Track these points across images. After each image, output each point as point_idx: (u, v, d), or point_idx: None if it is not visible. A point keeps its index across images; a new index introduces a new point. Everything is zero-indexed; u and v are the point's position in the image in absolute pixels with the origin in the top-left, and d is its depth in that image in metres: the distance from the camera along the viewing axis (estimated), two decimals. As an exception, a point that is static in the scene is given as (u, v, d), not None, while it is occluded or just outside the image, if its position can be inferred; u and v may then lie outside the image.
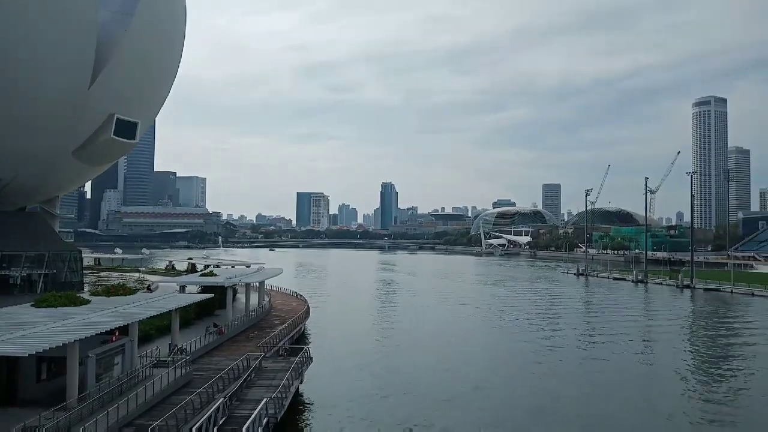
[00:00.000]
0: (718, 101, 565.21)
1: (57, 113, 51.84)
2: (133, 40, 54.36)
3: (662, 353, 55.81)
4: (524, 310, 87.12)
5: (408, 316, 79.45)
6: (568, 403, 38.22)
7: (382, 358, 51.59)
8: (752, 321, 77.41)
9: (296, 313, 60.52)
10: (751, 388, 42.28)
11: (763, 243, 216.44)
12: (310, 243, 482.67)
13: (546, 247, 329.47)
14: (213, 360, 40.32)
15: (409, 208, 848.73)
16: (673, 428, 33.62)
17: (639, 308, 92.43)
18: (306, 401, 37.09)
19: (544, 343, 59.05)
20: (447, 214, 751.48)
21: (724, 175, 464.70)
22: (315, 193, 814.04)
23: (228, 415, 27.77)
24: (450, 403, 37.54)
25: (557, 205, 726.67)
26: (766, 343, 60.48)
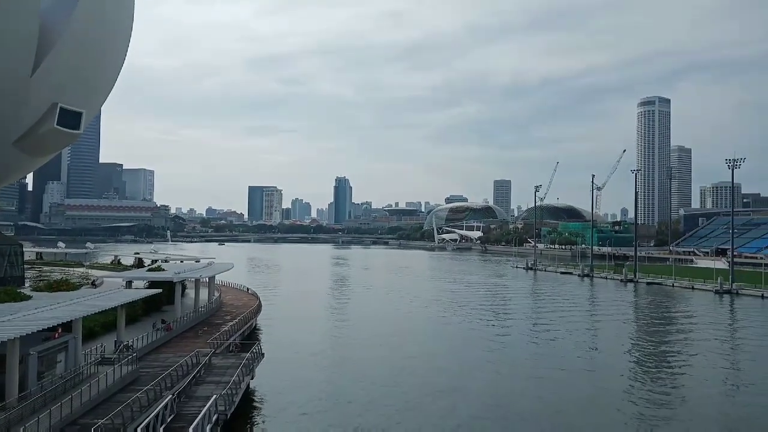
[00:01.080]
0: (662, 101, 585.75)
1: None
2: (77, 27, 52.46)
3: (606, 344, 57.76)
4: (475, 303, 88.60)
5: (361, 311, 79.71)
6: (519, 394, 39.20)
7: (335, 354, 51.68)
8: (691, 313, 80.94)
9: (247, 309, 59.94)
10: (687, 375, 44.28)
11: (703, 239, 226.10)
12: (263, 238, 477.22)
13: (497, 242, 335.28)
14: (161, 357, 39.59)
15: (364, 202, 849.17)
16: (619, 416, 34.84)
17: (584, 301, 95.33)
18: (257, 397, 36.88)
19: (495, 336, 60.24)
20: (401, 209, 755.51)
21: (667, 173, 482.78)
22: (267, 187, 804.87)
23: (176, 412, 27.37)
24: (402, 397, 37.93)
25: (508, 200, 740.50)
26: (702, 334, 63.34)
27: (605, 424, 33.80)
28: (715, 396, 39.57)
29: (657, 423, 33.60)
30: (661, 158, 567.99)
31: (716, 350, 54.81)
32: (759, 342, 59.45)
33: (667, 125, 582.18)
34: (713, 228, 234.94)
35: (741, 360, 51.70)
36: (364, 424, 32.32)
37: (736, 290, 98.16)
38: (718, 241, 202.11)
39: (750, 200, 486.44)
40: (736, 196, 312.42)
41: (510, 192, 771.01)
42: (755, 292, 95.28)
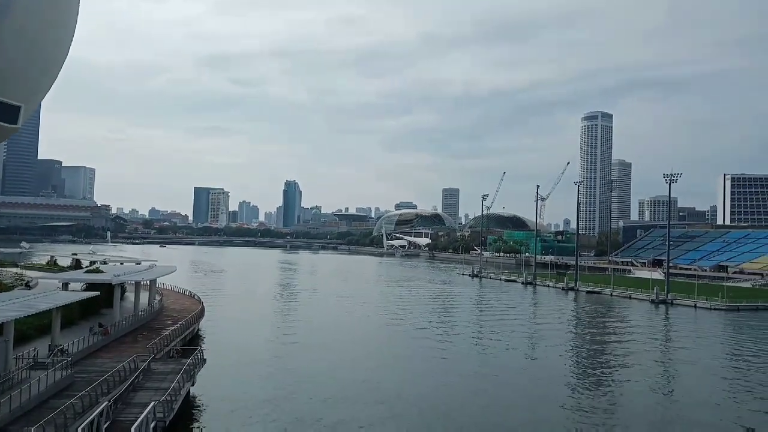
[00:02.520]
0: (605, 116, 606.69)
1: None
2: (17, 17, 50.37)
3: (546, 350, 59.21)
4: (421, 309, 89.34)
5: (307, 316, 79.16)
6: (460, 398, 39.71)
7: (279, 359, 51.12)
8: (628, 322, 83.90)
9: (190, 313, 58.67)
10: (624, 381, 45.85)
11: (641, 250, 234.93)
12: (208, 240, 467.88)
13: (444, 249, 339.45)
14: (97, 362, 38.31)
15: (313, 207, 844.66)
16: (559, 417, 35.75)
17: (527, 309, 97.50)
18: (197, 404, 36.11)
19: (440, 341, 60.86)
20: (351, 214, 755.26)
21: (608, 186, 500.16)
22: (214, 189, 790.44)
23: (112, 419, 26.53)
24: (346, 404, 37.87)
25: (456, 208, 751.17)
26: (638, 341, 65.71)
27: (544, 427, 34.62)
28: (651, 401, 41.05)
29: (595, 426, 34.65)
30: (602, 171, 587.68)
31: (651, 357, 56.95)
32: (691, 350, 62.13)
33: (609, 139, 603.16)
34: (650, 239, 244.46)
35: (674, 367, 53.92)
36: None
37: (671, 300, 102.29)
38: (655, 252, 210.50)
39: (686, 213, 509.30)
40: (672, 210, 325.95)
41: (458, 200, 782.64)
42: (689, 302, 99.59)
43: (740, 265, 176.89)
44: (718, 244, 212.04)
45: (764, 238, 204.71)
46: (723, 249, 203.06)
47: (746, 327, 77.79)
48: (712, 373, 50.27)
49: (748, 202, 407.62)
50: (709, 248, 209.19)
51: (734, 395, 42.48)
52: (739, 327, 78.00)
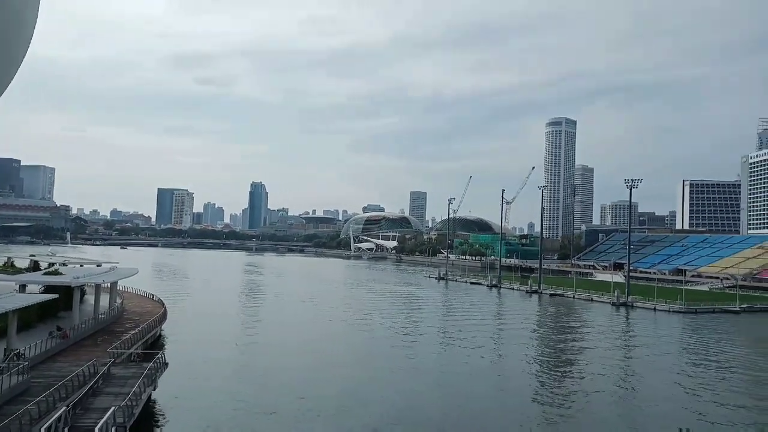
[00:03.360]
0: (569, 122, 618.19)
1: None
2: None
3: (509, 351, 59.99)
4: (388, 311, 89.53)
5: (273, 319, 78.59)
6: (426, 398, 39.93)
7: (243, 363, 50.63)
8: (589, 324, 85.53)
9: (152, 317, 57.62)
10: (585, 381, 46.75)
11: (602, 253, 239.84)
12: (171, 242, 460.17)
13: (411, 252, 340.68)
14: (55, 366, 37.35)
15: (280, 209, 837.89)
16: (520, 418, 36.26)
17: (492, 311, 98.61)
18: (159, 409, 35.52)
19: (406, 344, 61.11)
20: (318, 216, 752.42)
21: (571, 191, 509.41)
22: (178, 190, 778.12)
23: (71, 425, 25.88)
24: (309, 407, 37.71)
25: (423, 211, 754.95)
26: (599, 343, 67.04)
27: (507, 425, 35.08)
28: (610, 400, 41.96)
29: (555, 425, 35.27)
30: (566, 176, 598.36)
31: (611, 358, 58.18)
32: (650, 351, 63.65)
33: (572, 145, 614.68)
34: (612, 243, 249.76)
35: (633, 367, 55.18)
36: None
37: (631, 303, 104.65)
38: (616, 255, 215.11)
39: (646, 218, 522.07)
40: (633, 214, 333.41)
41: (425, 203, 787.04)
42: (648, 305, 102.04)
43: (698, 269, 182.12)
44: (677, 248, 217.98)
45: (721, 243, 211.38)
46: (682, 253, 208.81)
47: (704, 329, 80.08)
48: (670, 373, 51.59)
49: (706, 208, 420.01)
50: (669, 252, 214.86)
51: (691, 395, 43.67)
52: (696, 329, 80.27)
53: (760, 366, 56.52)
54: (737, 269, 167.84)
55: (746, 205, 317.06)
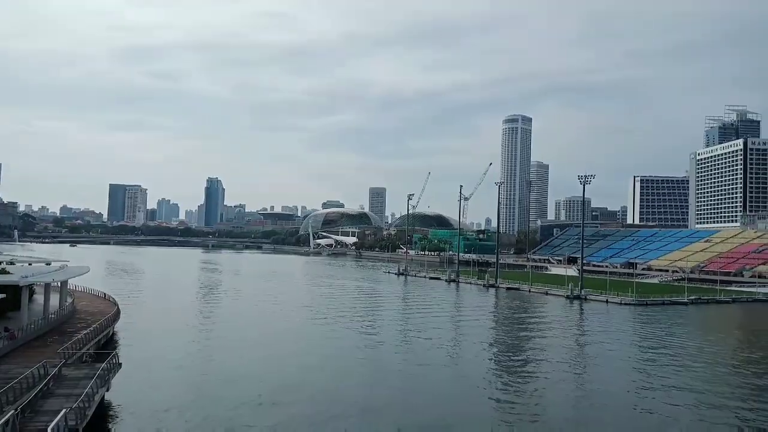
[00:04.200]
0: (525, 120, 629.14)
1: None
2: None
3: (467, 344, 60.61)
4: (348, 307, 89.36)
5: (229, 318, 77.46)
6: (387, 394, 40.06)
7: (199, 363, 49.72)
8: (545, 316, 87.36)
9: (104, 316, 56.10)
10: (540, 371, 47.72)
11: (557, 248, 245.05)
12: (124, 240, 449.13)
13: (371, 248, 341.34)
14: (3, 368, 35.96)
15: (237, 205, 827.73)
16: (478, 409, 36.75)
17: (450, 305, 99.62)
18: (113, 410, 34.63)
19: (366, 339, 61.14)
20: (276, 213, 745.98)
21: (527, 186, 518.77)
22: (131, 186, 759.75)
23: (20, 429, 24.98)
24: (270, 407, 37.37)
25: (383, 208, 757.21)
26: (553, 334, 68.43)
27: (466, 418, 35.49)
28: (566, 390, 42.93)
29: (514, 416, 35.89)
30: (522, 172, 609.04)
31: (566, 349, 59.52)
32: (603, 342, 65.37)
33: (528, 142, 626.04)
34: (566, 238, 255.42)
35: (587, 358, 56.66)
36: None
37: (584, 296, 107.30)
38: (570, 250, 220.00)
39: (599, 213, 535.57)
40: (586, 210, 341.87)
41: (385, 199, 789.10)
42: (600, 298, 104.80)
43: (648, 262, 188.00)
44: (628, 242, 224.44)
45: (670, 237, 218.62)
46: (633, 247, 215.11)
47: (654, 321, 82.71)
48: (622, 363, 53.16)
49: (655, 203, 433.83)
50: (620, 246, 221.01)
51: (641, 383, 45.06)
52: (646, 321, 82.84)
53: (707, 355, 58.72)
54: (685, 262, 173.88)
55: (694, 200, 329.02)
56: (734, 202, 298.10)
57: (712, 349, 62.89)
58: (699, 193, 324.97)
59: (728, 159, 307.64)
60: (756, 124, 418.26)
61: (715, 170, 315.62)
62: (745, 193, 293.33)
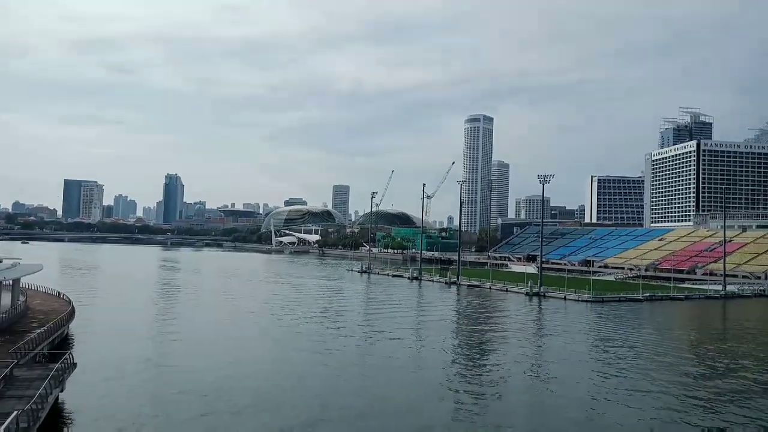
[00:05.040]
0: (486, 119, 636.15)
1: None
2: None
3: (429, 340, 61.01)
4: (310, 305, 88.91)
5: (188, 317, 76.23)
6: (349, 391, 40.05)
7: (158, 363, 48.77)
8: (505, 313, 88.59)
9: (58, 315, 54.53)
10: (500, 366, 48.43)
11: (517, 246, 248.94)
12: (79, 237, 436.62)
13: (334, 246, 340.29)
14: (-51, 370, 34.58)
15: (197, 202, 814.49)
16: (439, 406, 37.05)
17: (412, 302, 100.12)
18: (67, 411, 33.70)
19: (327, 338, 60.92)
20: (237, 210, 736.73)
21: (488, 185, 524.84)
22: (87, 182, 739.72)
23: (-33, 432, 24.14)
24: (229, 407, 36.95)
25: (346, 205, 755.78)
26: (513, 331, 69.46)
27: (427, 415, 35.76)
28: (524, 384, 43.69)
29: (472, 411, 36.32)
30: (483, 171, 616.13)
31: (524, 345, 60.51)
32: (561, 337, 66.64)
33: (489, 141, 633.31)
34: (526, 236, 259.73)
35: (546, 353, 57.70)
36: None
37: (543, 293, 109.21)
38: (530, 248, 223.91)
39: (557, 212, 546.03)
40: (545, 208, 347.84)
41: (348, 197, 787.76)
42: (559, 295, 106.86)
43: (605, 260, 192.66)
44: (586, 240, 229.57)
45: (626, 236, 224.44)
46: (590, 245, 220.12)
47: (610, 317, 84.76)
48: (579, 358, 54.34)
49: (612, 202, 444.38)
50: (578, 244, 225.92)
51: (598, 377, 46.17)
52: (603, 317, 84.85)
53: (661, 350, 60.53)
54: (640, 260, 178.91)
55: (649, 199, 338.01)
56: (687, 202, 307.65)
57: (666, 343, 64.86)
58: (654, 193, 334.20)
59: (682, 160, 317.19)
60: (709, 126, 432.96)
61: (670, 171, 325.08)
62: (698, 194, 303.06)
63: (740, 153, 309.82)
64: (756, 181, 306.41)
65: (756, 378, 47.92)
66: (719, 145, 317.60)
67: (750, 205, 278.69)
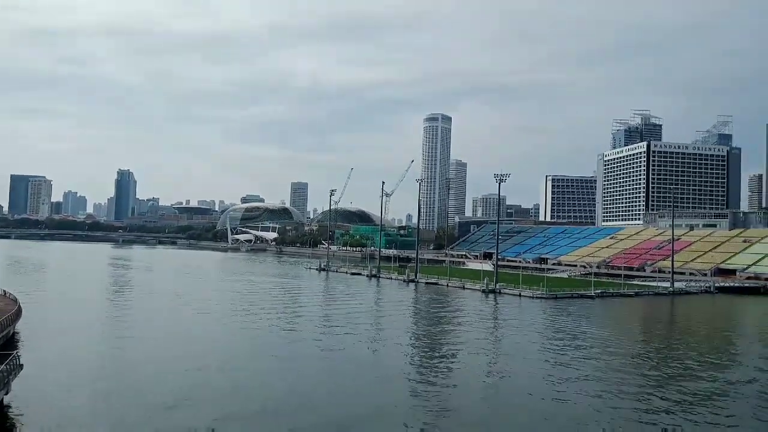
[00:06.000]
0: (445, 118, 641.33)
1: None
2: None
3: (387, 338, 61.23)
4: (267, 303, 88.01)
5: (140, 316, 74.39)
6: (308, 390, 39.82)
7: (108, 365, 47.51)
8: (461, 309, 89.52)
9: (3, 315, 52.41)
10: (457, 362, 48.99)
11: (474, 243, 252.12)
12: (26, 234, 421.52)
13: (292, 244, 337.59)
14: None
15: (150, 199, 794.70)
16: (396, 406, 37.23)
17: (371, 299, 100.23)
18: (12, 414, 32.47)
19: (284, 336, 60.46)
20: (192, 207, 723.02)
21: (446, 184, 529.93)
22: (35, 177, 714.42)
23: None
24: (184, 406, 36.29)
25: (305, 203, 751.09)
26: (470, 327, 70.25)
27: (385, 411, 35.90)
28: (479, 379, 44.26)
29: (430, 405, 36.64)
30: (441, 170, 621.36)
31: (482, 341, 61.31)
32: (516, 333, 67.85)
33: (448, 140, 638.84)
34: (482, 234, 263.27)
35: (501, 348, 58.66)
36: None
37: (499, 290, 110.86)
38: (486, 245, 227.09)
39: (513, 211, 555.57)
40: (501, 207, 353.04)
41: (307, 194, 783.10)
42: (514, 291, 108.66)
43: (558, 257, 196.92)
44: (540, 238, 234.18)
45: (579, 234, 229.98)
46: (544, 243, 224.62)
47: (563, 313, 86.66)
48: (533, 352, 55.38)
49: (565, 201, 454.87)
50: (533, 242, 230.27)
51: (552, 371, 47.18)
52: (556, 313, 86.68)
53: (611, 344, 62.30)
54: (593, 258, 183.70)
55: (601, 198, 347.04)
56: (638, 201, 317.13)
57: (617, 338, 66.81)
58: (605, 193, 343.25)
59: (633, 160, 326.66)
60: (659, 127, 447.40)
61: (621, 171, 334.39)
62: (648, 193, 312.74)
63: (688, 154, 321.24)
64: (703, 181, 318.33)
65: (699, 368, 49.79)
66: (668, 146, 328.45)
67: (697, 205, 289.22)
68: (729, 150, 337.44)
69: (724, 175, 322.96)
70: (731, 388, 43.68)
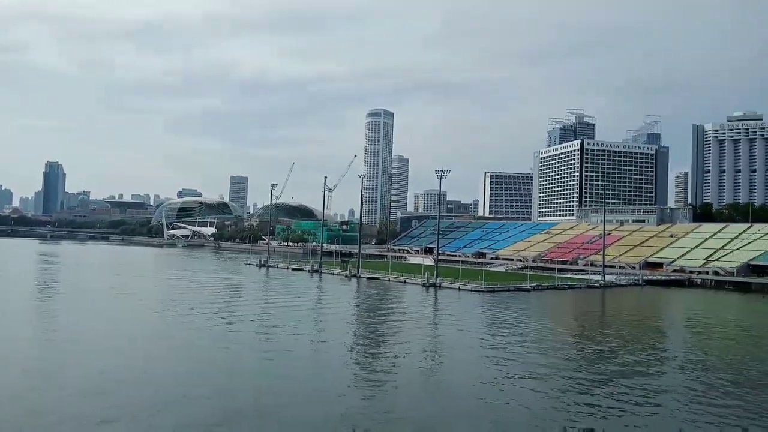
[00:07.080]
0: (387, 114, 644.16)
1: None
2: None
3: (328, 333, 61.18)
4: (205, 301, 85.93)
5: (70, 316, 71.30)
6: (246, 394, 39.27)
7: (36, 365, 45.49)
8: (402, 303, 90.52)
9: None
10: (398, 356, 49.40)
11: (415, 238, 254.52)
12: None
13: (231, 239, 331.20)
14: None
15: (80, 192, 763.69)
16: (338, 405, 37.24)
17: (312, 295, 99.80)
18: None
19: (222, 334, 59.28)
20: (126, 201, 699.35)
21: (388, 179, 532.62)
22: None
23: None
24: (117, 409, 35.16)
25: (244, 197, 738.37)
26: (410, 320, 71.05)
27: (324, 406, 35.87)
28: (419, 371, 44.78)
29: (367, 397, 36.87)
30: (384, 165, 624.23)
31: (423, 333, 62.12)
32: (455, 325, 69.05)
33: (390, 136, 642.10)
34: (423, 229, 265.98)
35: (441, 340, 59.55)
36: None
37: (439, 284, 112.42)
38: (427, 240, 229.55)
39: (453, 206, 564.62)
40: (442, 202, 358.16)
41: (247, 189, 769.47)
42: (453, 285, 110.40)
43: (496, 252, 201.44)
44: (479, 233, 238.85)
45: (515, 229, 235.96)
46: (483, 238, 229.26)
47: (502, 306, 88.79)
48: (471, 344, 56.53)
49: (503, 197, 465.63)
50: (472, 237, 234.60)
51: (491, 360, 48.32)
52: (494, 306, 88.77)
53: (546, 335, 64.41)
54: (528, 252, 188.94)
55: (537, 195, 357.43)
56: (571, 197, 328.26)
57: (551, 329, 69.20)
58: (541, 189, 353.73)
59: (567, 158, 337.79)
60: (591, 126, 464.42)
61: (556, 168, 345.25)
62: (581, 189, 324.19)
63: (619, 152, 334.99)
64: (633, 178, 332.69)
65: (627, 357, 52.14)
66: (600, 144, 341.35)
67: (627, 201, 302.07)
68: (657, 149, 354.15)
69: (653, 173, 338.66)
70: (659, 364, 46.01)
